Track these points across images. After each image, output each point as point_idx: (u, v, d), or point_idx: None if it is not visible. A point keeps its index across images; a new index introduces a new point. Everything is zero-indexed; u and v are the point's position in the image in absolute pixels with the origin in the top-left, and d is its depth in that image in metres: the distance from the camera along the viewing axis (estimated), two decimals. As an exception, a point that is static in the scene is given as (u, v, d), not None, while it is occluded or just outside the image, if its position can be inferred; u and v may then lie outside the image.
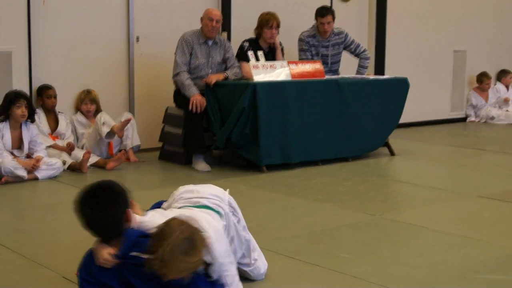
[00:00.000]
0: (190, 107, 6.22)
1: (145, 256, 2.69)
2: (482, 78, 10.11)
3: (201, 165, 6.19)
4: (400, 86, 7.11)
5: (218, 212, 3.04)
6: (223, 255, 2.87)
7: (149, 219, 2.90)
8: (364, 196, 5.24)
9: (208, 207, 3.04)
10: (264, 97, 6.03)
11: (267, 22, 6.74)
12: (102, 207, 2.78)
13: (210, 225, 2.88)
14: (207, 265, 2.81)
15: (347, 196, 5.24)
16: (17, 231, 4.34)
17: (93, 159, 6.18)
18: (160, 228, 2.70)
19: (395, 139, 7.39)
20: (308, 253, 3.74)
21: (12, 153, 5.73)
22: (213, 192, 3.14)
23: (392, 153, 7.09)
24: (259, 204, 5.00)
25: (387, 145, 7.11)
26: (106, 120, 6.26)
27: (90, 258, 2.87)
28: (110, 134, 6.28)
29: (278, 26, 6.79)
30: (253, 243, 3.32)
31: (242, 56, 6.64)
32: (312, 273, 3.44)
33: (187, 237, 2.66)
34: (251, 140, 6.09)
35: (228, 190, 3.25)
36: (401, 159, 6.96)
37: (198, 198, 3.08)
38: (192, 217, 2.85)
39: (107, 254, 2.80)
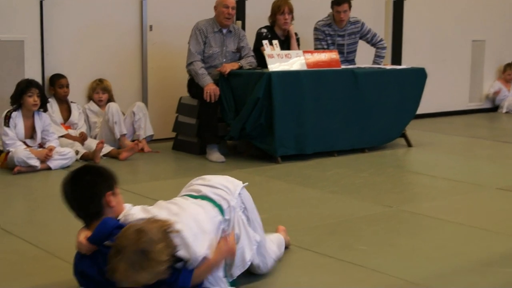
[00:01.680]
0: (204, 97, 6.17)
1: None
2: (506, 68, 10.01)
3: (215, 156, 6.14)
4: (418, 77, 7.05)
5: (218, 206, 2.92)
6: (200, 251, 2.69)
7: (135, 213, 2.81)
8: (380, 188, 5.19)
9: (209, 199, 2.93)
10: (279, 86, 5.98)
11: (278, 8, 6.70)
12: (81, 185, 2.81)
13: (194, 221, 2.75)
14: (185, 262, 2.67)
15: (364, 187, 5.19)
16: (30, 222, 4.34)
17: (106, 149, 6.14)
18: (116, 238, 2.59)
19: (412, 130, 7.34)
20: (324, 245, 3.70)
21: (24, 143, 5.70)
22: (224, 183, 3.02)
23: (409, 144, 7.03)
24: (274, 195, 4.97)
25: (404, 136, 7.05)
26: (117, 120, 6.26)
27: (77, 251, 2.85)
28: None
29: (290, 11, 6.73)
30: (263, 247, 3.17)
31: (260, 43, 6.57)
32: (329, 265, 3.40)
33: (141, 250, 2.52)
34: (266, 130, 6.04)
35: (246, 184, 3.14)
36: (418, 150, 6.89)
37: (203, 186, 2.99)
38: (177, 211, 2.75)
39: (83, 237, 2.76)
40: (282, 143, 6.05)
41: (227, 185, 3.01)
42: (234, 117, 6.16)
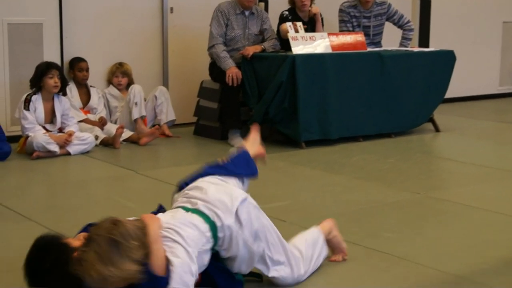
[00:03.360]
0: (226, 81, 6.10)
1: None
2: None
3: (237, 141, 6.05)
4: (446, 59, 6.92)
5: (211, 222, 2.66)
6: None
7: None
8: (407, 174, 5.13)
9: (202, 214, 2.68)
10: (304, 70, 5.89)
11: None
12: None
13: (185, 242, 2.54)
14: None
15: (390, 173, 5.12)
16: (49, 207, 4.31)
17: (126, 134, 6.09)
18: (90, 229, 2.41)
19: (440, 114, 7.20)
20: (349, 232, 3.62)
21: (44, 127, 5.65)
22: (221, 198, 2.73)
23: (437, 129, 6.92)
24: (298, 181, 4.95)
25: (431, 120, 6.94)
26: (138, 101, 6.20)
27: None
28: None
29: None
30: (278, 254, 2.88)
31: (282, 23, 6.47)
32: (354, 253, 3.34)
33: (112, 240, 2.30)
34: (290, 115, 5.96)
35: (245, 197, 2.80)
36: (446, 136, 6.79)
37: (199, 201, 2.73)
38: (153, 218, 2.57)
39: None
40: (306, 128, 5.97)
41: (223, 200, 2.73)
42: (257, 101, 6.09)
